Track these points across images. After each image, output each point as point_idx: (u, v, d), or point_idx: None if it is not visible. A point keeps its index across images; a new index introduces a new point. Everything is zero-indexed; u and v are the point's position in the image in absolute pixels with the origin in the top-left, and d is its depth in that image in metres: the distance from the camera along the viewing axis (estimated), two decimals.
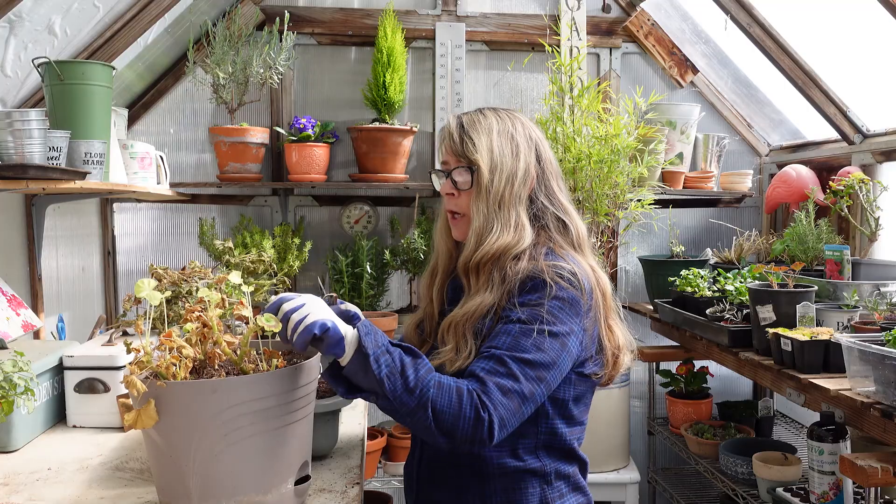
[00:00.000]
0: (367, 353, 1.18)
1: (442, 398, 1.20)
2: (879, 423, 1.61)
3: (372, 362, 1.18)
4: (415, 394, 1.19)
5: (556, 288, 1.30)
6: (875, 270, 2.28)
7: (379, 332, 1.22)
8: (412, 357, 1.22)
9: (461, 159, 1.42)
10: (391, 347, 1.21)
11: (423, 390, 1.19)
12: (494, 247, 1.36)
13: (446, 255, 1.52)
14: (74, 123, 1.90)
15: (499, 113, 1.45)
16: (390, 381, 1.18)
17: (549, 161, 1.46)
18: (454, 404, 1.20)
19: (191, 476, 1.14)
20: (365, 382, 1.20)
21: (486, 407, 1.21)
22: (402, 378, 1.19)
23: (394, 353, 1.21)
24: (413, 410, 1.19)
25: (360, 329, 1.20)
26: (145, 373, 1.16)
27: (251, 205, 3.15)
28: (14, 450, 1.59)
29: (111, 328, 1.99)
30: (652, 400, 3.11)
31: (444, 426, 1.20)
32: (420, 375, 1.20)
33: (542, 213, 1.43)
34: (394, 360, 1.19)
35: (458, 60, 3.08)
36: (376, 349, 1.19)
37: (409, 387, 1.19)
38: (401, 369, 1.19)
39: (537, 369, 1.26)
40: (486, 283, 1.37)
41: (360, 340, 1.19)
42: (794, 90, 2.79)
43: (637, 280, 3.32)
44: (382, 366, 1.18)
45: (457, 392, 1.21)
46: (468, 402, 1.20)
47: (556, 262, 1.35)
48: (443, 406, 1.19)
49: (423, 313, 1.54)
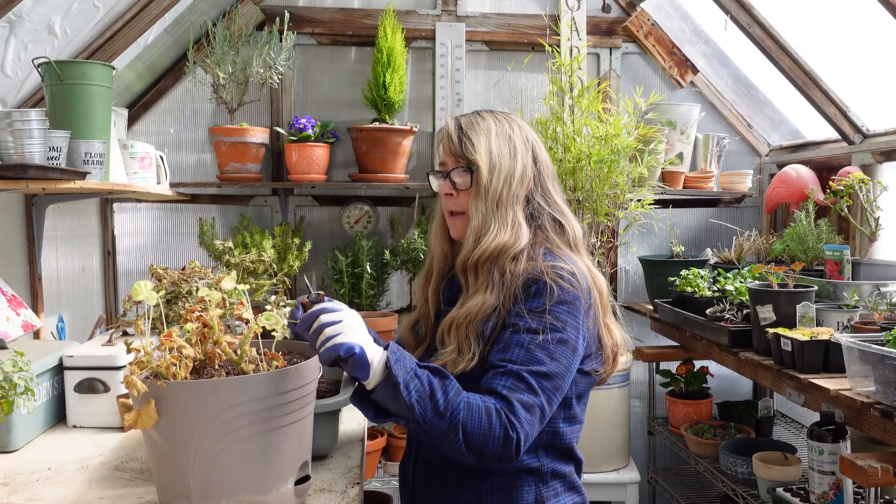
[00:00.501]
0: (398, 382, 1.17)
1: (472, 420, 1.20)
2: (879, 423, 1.61)
3: (402, 389, 1.17)
4: (445, 417, 1.19)
5: (557, 290, 1.31)
6: (875, 270, 2.28)
7: (407, 356, 1.22)
8: (440, 378, 1.22)
9: (460, 160, 1.43)
10: (419, 371, 1.21)
11: (454, 413, 1.19)
12: (492, 245, 1.37)
13: (441, 256, 1.53)
14: (74, 123, 1.90)
15: (496, 115, 1.47)
16: (420, 406, 1.18)
17: (545, 163, 1.48)
18: (484, 425, 1.21)
19: (191, 476, 1.14)
20: (395, 407, 1.21)
21: (514, 426, 1.22)
22: (433, 402, 1.19)
23: (422, 376, 1.20)
24: (444, 433, 1.20)
25: (391, 357, 1.19)
26: (145, 373, 1.16)
27: (251, 205, 3.15)
28: (14, 450, 1.59)
29: (111, 328, 1.99)
30: (652, 400, 3.11)
31: (474, 447, 1.21)
32: (450, 399, 1.20)
33: (539, 213, 1.45)
34: (423, 385, 1.19)
35: (458, 60, 3.08)
36: (406, 375, 1.19)
37: (439, 411, 1.19)
38: (430, 393, 1.19)
39: (553, 380, 1.28)
40: (485, 283, 1.37)
41: (390, 368, 1.18)
42: (794, 90, 2.79)
43: (637, 280, 3.32)
44: (412, 391, 1.18)
45: (486, 412, 1.22)
46: (497, 422, 1.21)
47: (554, 262, 1.36)
48: (473, 428, 1.20)
49: (418, 314, 1.55)
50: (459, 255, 1.43)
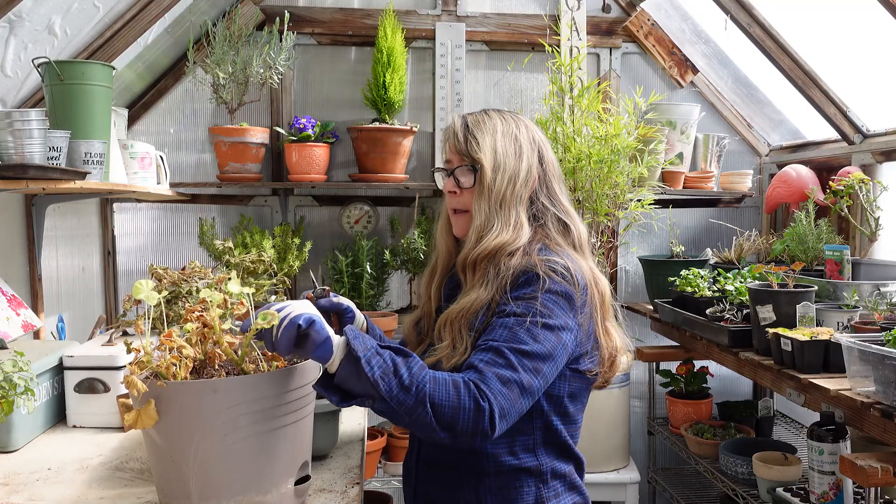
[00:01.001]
0: (358, 356, 1.16)
1: (439, 391, 1.18)
2: (879, 423, 1.61)
3: (364, 364, 1.16)
4: (411, 391, 1.17)
5: (549, 281, 1.31)
6: (875, 270, 2.28)
7: (366, 336, 1.21)
8: (403, 356, 1.21)
9: (465, 158, 1.43)
10: (381, 349, 1.20)
11: (420, 386, 1.17)
12: (492, 244, 1.38)
13: (446, 253, 1.53)
14: (74, 123, 1.90)
15: (503, 114, 1.47)
16: (385, 381, 1.16)
17: (551, 163, 1.48)
18: (452, 396, 1.18)
19: (191, 476, 1.14)
20: (359, 387, 1.18)
21: (485, 396, 1.19)
22: (397, 377, 1.17)
23: (384, 354, 1.19)
24: (412, 408, 1.17)
25: (348, 333, 1.19)
26: (145, 373, 1.16)
27: (251, 205, 3.15)
28: (14, 450, 1.59)
29: (111, 328, 1.99)
30: (652, 400, 3.11)
31: (444, 420, 1.18)
32: (414, 372, 1.19)
33: (542, 213, 1.45)
34: (385, 361, 1.18)
35: (458, 60, 3.08)
36: (366, 352, 1.17)
37: (404, 385, 1.17)
38: (394, 369, 1.18)
39: (534, 360, 1.26)
40: (481, 279, 1.38)
41: (349, 344, 1.17)
42: (794, 90, 2.79)
43: (637, 280, 3.32)
44: (375, 367, 1.16)
45: (453, 384, 1.20)
46: (465, 392, 1.19)
47: (549, 256, 1.36)
48: (441, 399, 1.18)
49: (421, 311, 1.56)
50: (461, 253, 1.44)
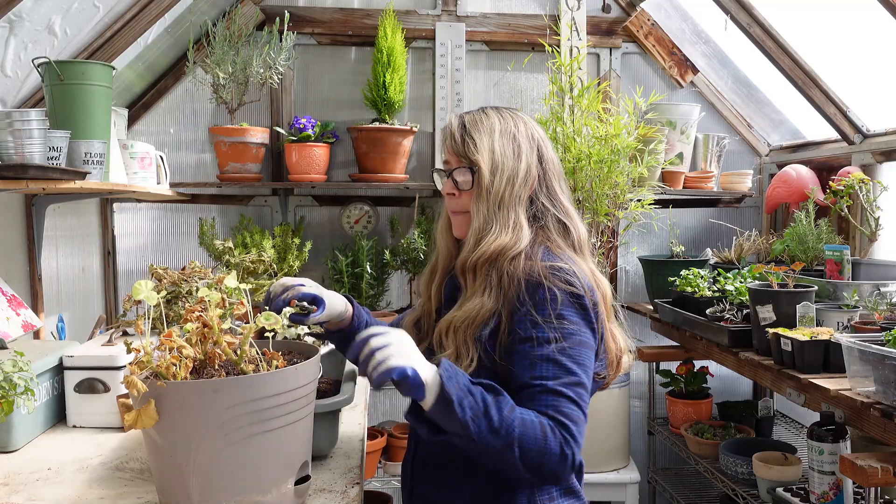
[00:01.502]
0: (451, 399, 1.15)
1: (528, 436, 1.19)
2: (879, 423, 1.61)
3: (456, 407, 1.15)
4: (500, 434, 1.17)
5: (561, 294, 1.30)
6: (875, 270, 2.28)
7: (460, 372, 1.20)
8: (493, 395, 1.21)
9: (462, 159, 1.41)
10: (472, 387, 1.19)
11: (509, 430, 1.17)
12: (492, 247, 1.35)
13: (447, 253, 1.51)
14: (74, 123, 1.90)
15: (501, 112, 1.44)
16: (475, 423, 1.16)
17: (551, 161, 1.45)
18: (540, 442, 1.20)
19: (191, 476, 1.14)
20: (449, 425, 1.19)
21: (569, 442, 1.21)
22: (487, 419, 1.17)
23: (476, 393, 1.19)
24: (500, 450, 1.18)
25: (443, 373, 1.17)
26: (145, 373, 1.16)
27: (251, 205, 3.15)
28: (14, 450, 1.59)
29: (111, 328, 1.99)
30: (652, 400, 3.11)
31: (530, 464, 1.19)
32: (504, 415, 1.18)
33: (542, 214, 1.42)
34: (477, 402, 1.18)
35: (458, 60, 3.08)
36: (459, 392, 1.17)
37: (493, 427, 1.17)
38: (484, 410, 1.18)
39: (585, 385, 1.28)
40: (483, 285, 1.36)
41: (443, 385, 1.16)
42: (794, 90, 2.79)
43: (637, 280, 3.32)
44: (466, 409, 1.16)
45: (541, 428, 1.20)
46: (553, 438, 1.20)
47: (553, 262, 1.34)
48: (529, 444, 1.19)
49: (420, 311, 1.54)
50: (460, 256, 1.42)
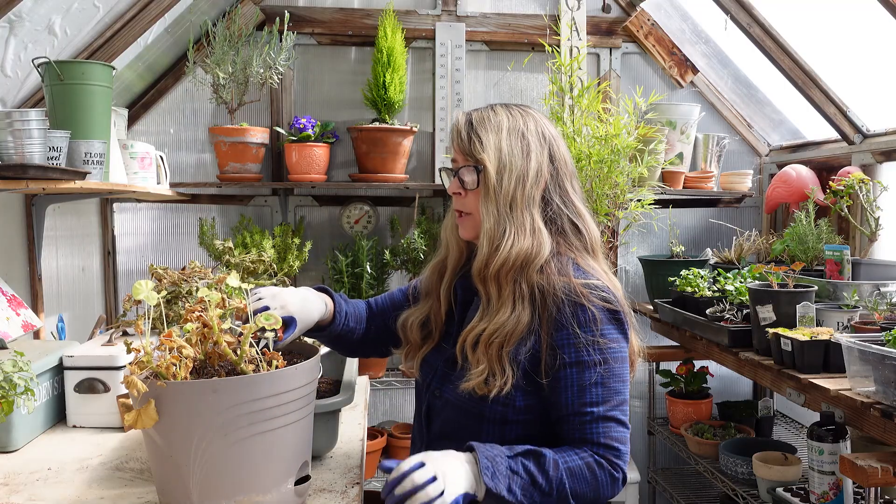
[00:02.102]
0: (502, 494, 1.18)
1: (578, 483, 1.23)
2: (879, 423, 1.61)
3: (507, 496, 1.18)
4: (553, 495, 1.21)
5: (600, 313, 1.30)
6: (875, 270, 2.28)
7: (497, 458, 1.20)
8: (534, 460, 1.23)
9: (468, 158, 1.37)
10: (514, 464, 1.21)
11: (560, 487, 1.22)
12: (513, 254, 1.31)
13: (458, 252, 1.47)
14: (74, 123, 1.90)
15: (510, 110, 1.40)
16: (527, 497, 1.20)
17: (563, 161, 1.40)
18: (591, 482, 1.24)
19: (191, 476, 1.14)
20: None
21: (617, 467, 1.27)
22: (537, 489, 1.21)
23: (519, 470, 1.21)
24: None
25: (485, 475, 1.17)
26: (145, 373, 1.16)
27: (251, 205, 3.15)
28: (14, 450, 1.59)
29: (111, 328, 1.99)
30: (652, 400, 3.11)
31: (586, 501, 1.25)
32: (551, 476, 1.22)
33: (558, 216, 1.38)
34: (523, 479, 1.21)
35: (458, 60, 3.08)
36: (506, 481, 1.19)
37: (545, 492, 1.21)
38: (532, 482, 1.21)
39: (627, 399, 1.32)
40: (512, 297, 1.32)
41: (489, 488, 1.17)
42: (794, 90, 2.79)
43: (637, 280, 3.32)
44: (517, 491, 1.19)
45: (588, 469, 1.25)
46: (601, 473, 1.25)
47: (587, 280, 1.32)
48: (583, 490, 1.24)
49: (427, 310, 1.49)
50: (475, 261, 1.37)
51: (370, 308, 1.60)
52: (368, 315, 1.58)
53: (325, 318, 1.47)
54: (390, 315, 1.57)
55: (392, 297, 1.62)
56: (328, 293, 1.51)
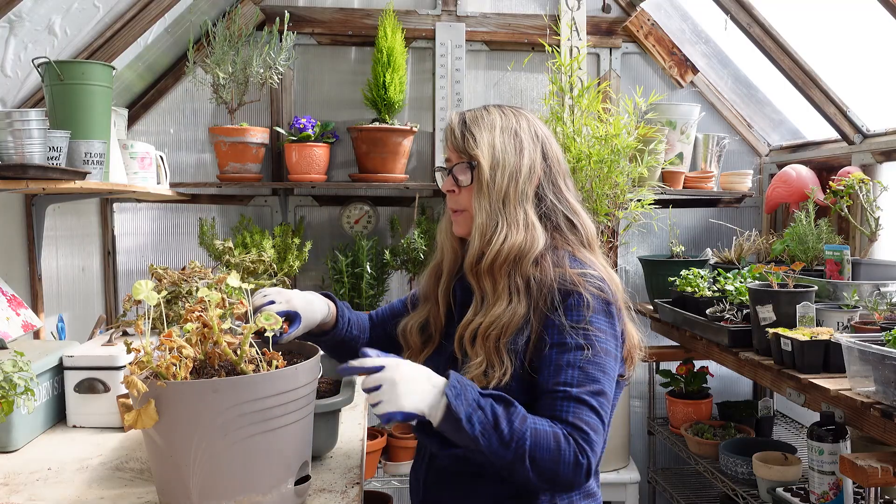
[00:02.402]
0: (460, 417, 1.14)
1: (539, 447, 1.17)
2: (879, 423, 1.61)
3: (465, 424, 1.14)
4: (511, 447, 1.16)
5: (594, 301, 1.29)
6: (875, 270, 2.28)
7: (468, 387, 1.18)
8: (504, 406, 1.19)
9: (462, 155, 1.39)
10: (482, 401, 1.18)
11: (520, 442, 1.16)
12: (506, 247, 1.32)
13: (452, 254, 1.48)
14: (74, 123, 1.90)
15: (503, 109, 1.42)
16: (485, 437, 1.15)
17: (556, 159, 1.43)
18: (553, 452, 1.18)
19: (191, 476, 1.14)
20: (458, 439, 1.18)
21: (584, 452, 1.20)
22: (497, 432, 1.16)
23: (486, 407, 1.17)
24: (510, 462, 1.17)
25: (450, 392, 1.15)
26: (145, 373, 1.16)
27: (251, 205, 3.15)
28: (14, 450, 1.59)
29: (111, 328, 1.99)
30: (652, 400, 3.11)
31: (543, 475, 1.18)
32: (515, 427, 1.17)
33: (552, 212, 1.40)
34: (486, 416, 1.16)
35: (458, 60, 3.08)
36: (468, 409, 1.15)
37: (504, 440, 1.16)
38: (494, 423, 1.16)
39: (607, 394, 1.27)
40: (507, 290, 1.32)
41: (451, 405, 1.15)
42: (794, 90, 2.79)
43: (637, 280, 3.32)
44: (476, 424, 1.15)
45: (554, 438, 1.19)
46: (567, 447, 1.19)
47: (583, 269, 1.32)
48: (542, 455, 1.17)
49: (427, 314, 1.50)
50: (467, 255, 1.39)
51: (371, 320, 1.64)
52: (370, 325, 1.63)
53: (327, 321, 1.51)
54: (390, 324, 1.61)
55: (392, 308, 1.66)
56: (332, 299, 1.55)
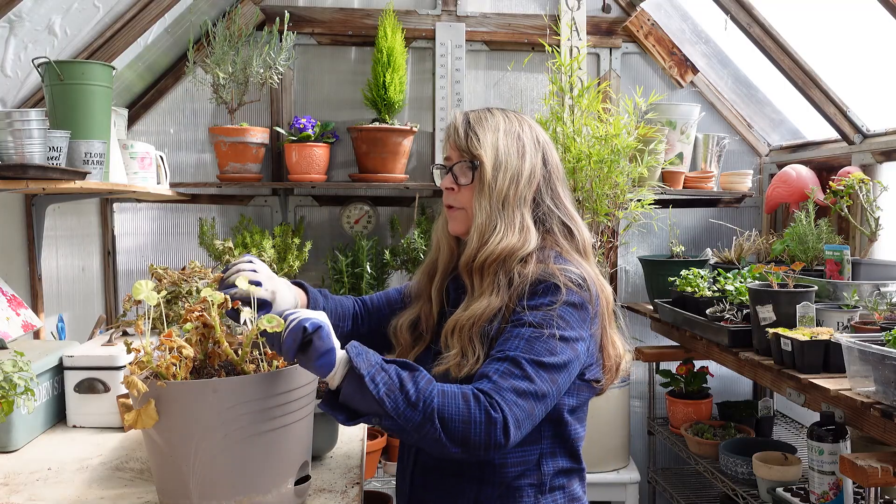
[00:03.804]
0: (362, 374, 1.12)
1: (448, 406, 1.15)
2: (879, 423, 1.61)
3: (368, 382, 1.12)
4: (418, 407, 1.13)
5: (566, 292, 1.28)
6: (875, 270, 2.28)
7: (370, 352, 1.17)
8: (409, 371, 1.17)
9: (464, 154, 1.40)
10: (386, 364, 1.17)
11: (427, 401, 1.14)
12: (499, 248, 1.34)
13: (448, 252, 1.48)
14: (74, 123, 1.90)
15: (507, 113, 1.44)
16: (390, 398, 1.13)
17: (555, 166, 1.44)
18: (462, 410, 1.15)
19: (191, 476, 1.14)
20: (364, 405, 1.15)
21: (497, 407, 1.16)
22: (403, 393, 1.14)
23: (389, 369, 1.16)
24: (420, 425, 1.14)
25: (350, 350, 1.15)
26: (145, 373, 1.16)
27: (251, 205, 3.15)
28: (14, 450, 1.59)
29: (111, 328, 1.99)
30: (652, 400, 3.11)
31: (455, 435, 1.15)
32: (421, 387, 1.15)
33: (548, 216, 1.41)
34: (391, 377, 1.15)
35: (458, 60, 3.08)
36: (370, 368, 1.14)
37: (411, 401, 1.13)
38: (399, 385, 1.14)
39: (551, 372, 1.23)
40: (491, 286, 1.34)
41: (352, 361, 1.13)
42: (794, 90, 2.79)
43: (637, 280, 3.32)
44: (380, 384, 1.13)
45: (463, 397, 1.16)
46: (476, 405, 1.16)
47: (566, 265, 1.33)
48: (451, 414, 1.14)
49: (418, 312, 1.50)
50: (463, 255, 1.40)
51: (364, 306, 1.61)
52: (361, 313, 1.59)
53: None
54: (385, 314, 1.58)
55: (388, 296, 1.63)
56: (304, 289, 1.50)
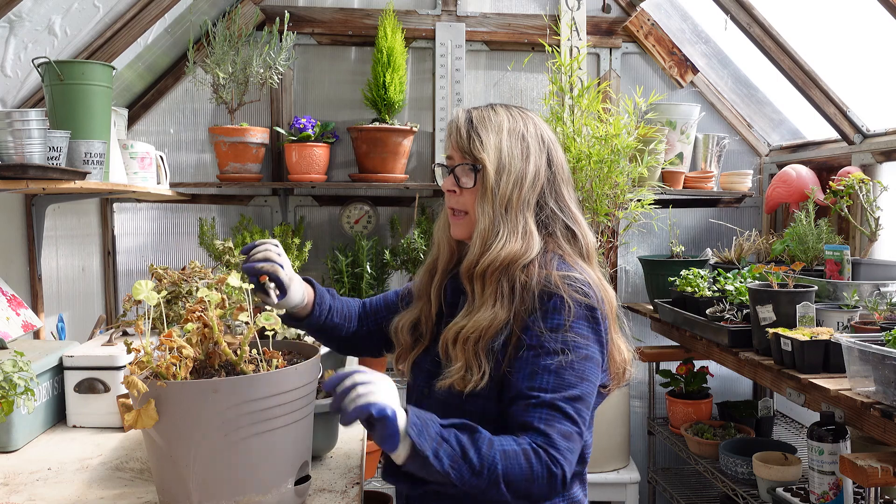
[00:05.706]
0: (426, 455, 1.10)
1: (511, 468, 1.15)
2: (879, 423, 1.61)
3: (433, 461, 1.10)
4: (483, 475, 1.13)
5: (574, 305, 1.26)
6: (875, 270, 2.28)
7: (428, 420, 1.14)
8: (468, 434, 1.16)
9: (466, 156, 1.35)
10: (445, 433, 1.15)
11: (491, 468, 1.13)
12: (502, 255, 1.30)
13: (448, 252, 1.46)
14: (74, 123, 1.90)
15: (511, 110, 1.38)
16: (455, 470, 1.12)
17: (560, 166, 1.39)
18: (525, 469, 1.16)
19: (191, 476, 1.14)
20: (429, 476, 1.14)
21: (556, 462, 1.17)
22: (467, 463, 1.13)
23: (450, 438, 1.13)
24: (485, 490, 1.14)
25: (412, 430, 1.11)
26: (145, 373, 1.16)
27: (251, 205, 3.15)
28: (14, 450, 1.59)
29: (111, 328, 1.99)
30: (652, 400, 3.11)
31: (519, 493, 1.16)
32: (483, 454, 1.14)
33: (551, 220, 1.37)
34: (453, 448, 1.13)
35: (458, 60, 3.08)
36: (433, 444, 1.11)
37: (475, 470, 1.13)
38: (462, 454, 1.13)
39: (585, 400, 1.24)
40: (493, 294, 1.31)
41: (414, 443, 1.10)
42: (794, 90, 2.79)
43: (637, 280, 3.32)
44: (444, 458, 1.11)
45: (524, 456, 1.16)
46: (537, 461, 1.16)
47: (568, 272, 1.30)
48: (515, 476, 1.15)
49: (418, 312, 1.48)
50: (465, 261, 1.36)
51: (364, 308, 1.60)
52: (361, 314, 1.58)
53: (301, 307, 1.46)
54: (383, 315, 1.57)
55: (386, 298, 1.62)
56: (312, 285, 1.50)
